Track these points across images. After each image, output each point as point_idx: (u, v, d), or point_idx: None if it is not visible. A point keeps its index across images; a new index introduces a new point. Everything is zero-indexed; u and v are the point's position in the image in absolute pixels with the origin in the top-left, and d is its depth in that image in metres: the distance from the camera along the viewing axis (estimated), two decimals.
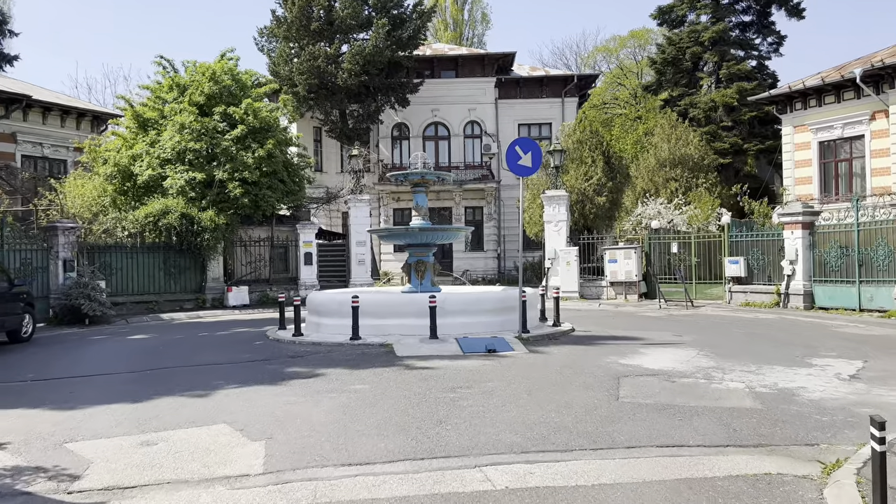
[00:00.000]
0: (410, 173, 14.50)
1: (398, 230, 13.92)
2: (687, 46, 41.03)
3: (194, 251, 22.78)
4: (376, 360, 10.83)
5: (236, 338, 14.65)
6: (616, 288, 23.86)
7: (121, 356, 12.47)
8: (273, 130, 24.24)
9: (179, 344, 13.96)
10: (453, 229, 14.76)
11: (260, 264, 24.83)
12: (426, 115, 41.12)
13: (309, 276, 25.10)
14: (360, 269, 25.59)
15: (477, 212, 41.50)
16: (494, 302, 13.14)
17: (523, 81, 42.08)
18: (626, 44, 54.25)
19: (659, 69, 42.28)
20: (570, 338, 13.20)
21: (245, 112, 23.71)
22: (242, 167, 23.09)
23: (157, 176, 23.29)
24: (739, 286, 21.28)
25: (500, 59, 41.46)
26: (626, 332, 14.38)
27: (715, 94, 39.59)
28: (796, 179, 30.66)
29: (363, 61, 34.39)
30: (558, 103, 42.16)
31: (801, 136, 30.37)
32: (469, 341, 11.98)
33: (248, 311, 22.33)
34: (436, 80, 40.68)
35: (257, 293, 24.31)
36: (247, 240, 24.77)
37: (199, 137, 23.19)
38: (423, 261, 14.54)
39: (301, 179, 25.48)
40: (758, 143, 39.68)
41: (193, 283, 23.41)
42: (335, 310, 13.31)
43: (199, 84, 23.92)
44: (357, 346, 12.07)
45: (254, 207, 23.62)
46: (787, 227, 19.83)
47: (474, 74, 41.41)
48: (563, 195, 24.98)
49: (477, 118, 41.45)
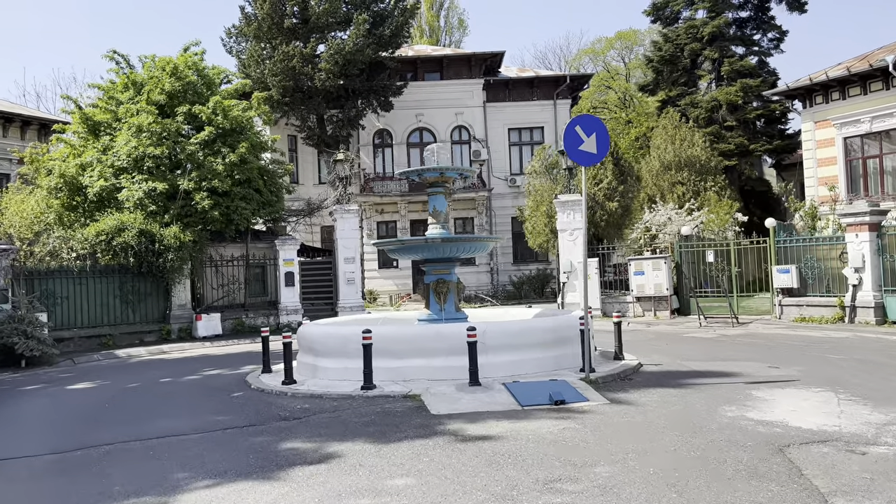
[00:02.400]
0: (426, 170, 11.46)
1: (414, 242, 10.88)
2: (685, 43, 38.68)
3: (156, 274, 19.44)
4: (406, 423, 7.71)
5: (208, 385, 11.40)
6: (643, 304, 21.00)
7: (48, 420, 9.18)
8: (246, 132, 21.04)
9: (132, 397, 10.68)
10: (482, 239, 11.87)
11: (234, 287, 21.53)
12: (410, 120, 38.14)
13: (291, 300, 21.84)
14: (350, 290, 22.40)
15: (467, 223, 38.52)
16: (546, 332, 10.10)
17: (513, 83, 39.35)
18: (613, 45, 51.97)
19: (656, 67, 39.84)
20: (646, 376, 10.20)
21: (213, 111, 20.49)
22: (211, 175, 19.85)
23: (110, 187, 19.95)
24: (791, 299, 18.52)
25: (488, 60, 38.67)
26: (703, 363, 11.45)
27: (717, 93, 37.21)
28: (819, 180, 28.16)
29: (342, 61, 31.41)
30: (550, 106, 39.48)
31: (824, 133, 27.90)
32: (523, 388, 8.93)
33: (221, 343, 18.99)
34: (419, 83, 37.77)
35: (231, 321, 20.97)
36: (218, 259, 21.46)
37: (160, 141, 19.92)
38: (444, 280, 11.48)
39: (279, 189, 22.28)
40: (765, 144, 37.35)
41: (156, 312, 20.02)
42: (337, 348, 10.17)
43: (158, 81, 20.66)
44: (373, 400, 8.93)
45: (226, 221, 20.36)
46: (850, 229, 17.16)
47: (460, 76, 38.58)
48: (579, 200, 22.08)
49: (465, 123, 38.57)
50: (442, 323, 11.20)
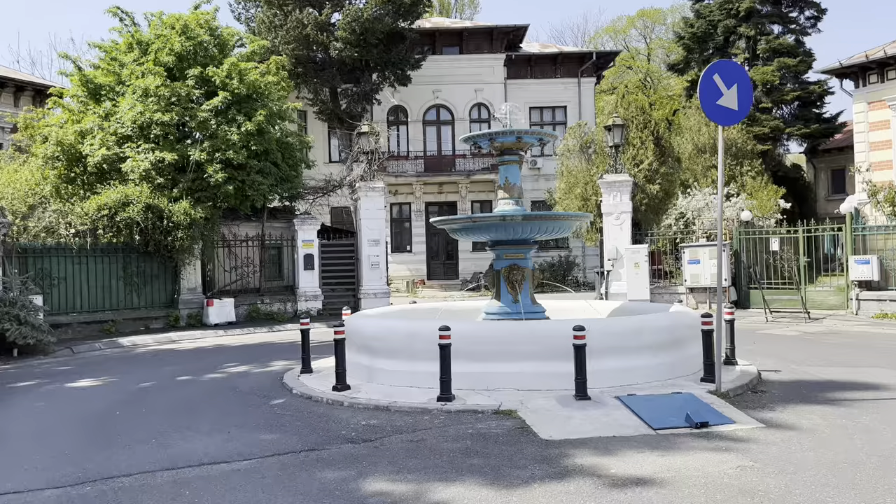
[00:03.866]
0: (499, 134, 9.53)
1: (488, 220, 9.00)
2: (719, 20, 36.71)
3: (164, 254, 17.52)
4: (519, 454, 5.87)
5: (237, 387, 9.53)
6: (697, 295, 19.16)
7: (45, 434, 7.31)
8: (264, 99, 19.02)
9: (148, 401, 8.81)
10: (569, 217, 9.89)
11: (248, 270, 19.61)
12: (427, 96, 36.12)
13: (310, 285, 19.94)
14: (374, 275, 20.50)
15: (485, 206, 36.52)
16: (660, 333, 8.22)
17: (535, 59, 37.29)
18: (635, 24, 49.91)
19: (687, 45, 37.90)
20: (776, 387, 8.36)
21: (228, 75, 18.46)
22: (225, 145, 17.87)
23: (112, 157, 17.97)
24: (870, 293, 16.72)
25: (510, 34, 36.60)
26: (822, 368, 9.64)
27: (753, 72, 35.19)
28: (871, 164, 26.28)
29: (360, 29, 29.34)
30: (574, 84, 37.48)
31: (878, 114, 26.06)
32: (645, 404, 7.09)
33: (235, 332, 17.12)
34: (437, 58, 35.74)
35: (245, 307, 19.08)
36: (231, 239, 19.52)
37: (169, 107, 17.92)
38: (518, 266, 9.60)
39: (297, 163, 20.30)
40: (801, 127, 35.50)
41: (163, 296, 18.12)
42: (401, 346, 8.29)
43: (166, 40, 18.60)
44: (458, 417, 7.06)
45: (241, 197, 18.41)
46: None
47: (481, 51, 36.53)
48: (627, 180, 20.22)
49: (484, 100, 36.56)
50: (520, 318, 9.34)
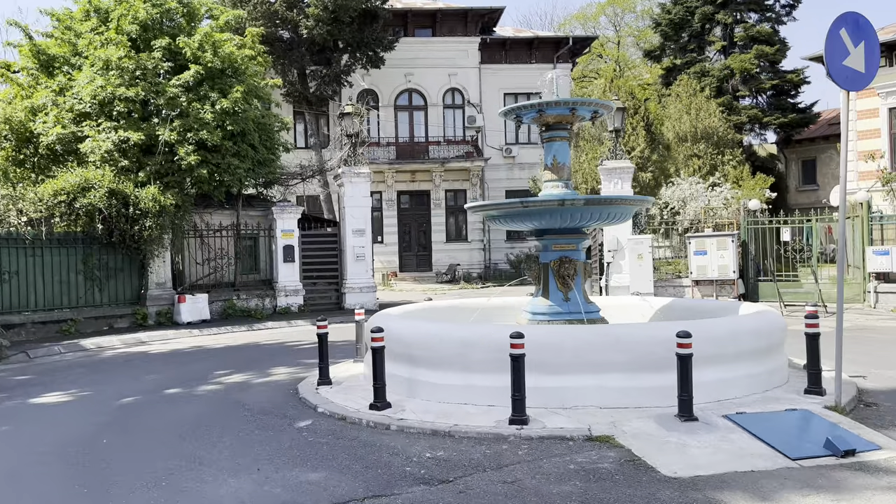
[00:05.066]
0: (549, 104, 8.22)
1: (544, 204, 7.73)
2: (696, 6, 36.05)
3: (130, 245, 15.71)
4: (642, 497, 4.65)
5: (242, 402, 8.02)
6: (703, 288, 18.24)
7: (13, 474, 5.76)
8: (241, 74, 17.30)
9: (136, 425, 7.26)
10: (633, 201, 8.63)
11: (222, 262, 17.90)
12: (398, 80, 34.56)
13: (290, 278, 18.33)
14: (359, 268, 19.01)
15: (459, 196, 35.31)
16: (757, 337, 7.05)
17: (510, 44, 36.07)
18: (605, 11, 49.08)
19: (664, 32, 37.17)
20: (883, 397, 7.29)
21: (200, 47, 16.70)
22: (198, 125, 16.15)
23: (69, 136, 16.08)
24: (889, 285, 16.03)
25: (486, 16, 35.27)
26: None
27: (731, 60, 34.73)
28: (859, 154, 25.85)
29: (333, 6, 27.58)
30: (549, 70, 36.08)
31: (866, 103, 25.57)
32: (763, 425, 5.93)
33: (211, 331, 15.46)
34: (409, 40, 34.16)
35: (220, 302, 17.40)
36: (203, 228, 17.78)
37: (133, 81, 16.10)
38: (570, 259, 8.33)
39: (275, 145, 18.63)
40: (779, 116, 35.13)
41: (128, 291, 16.30)
42: (452, 355, 6.92)
43: (129, 6, 16.72)
44: (544, 446, 5.75)
45: (215, 182, 16.70)
46: None
47: (454, 34, 35.13)
48: (629, 167, 19.17)
49: (458, 85, 35.21)
50: (573, 318, 8.08)
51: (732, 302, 9.69)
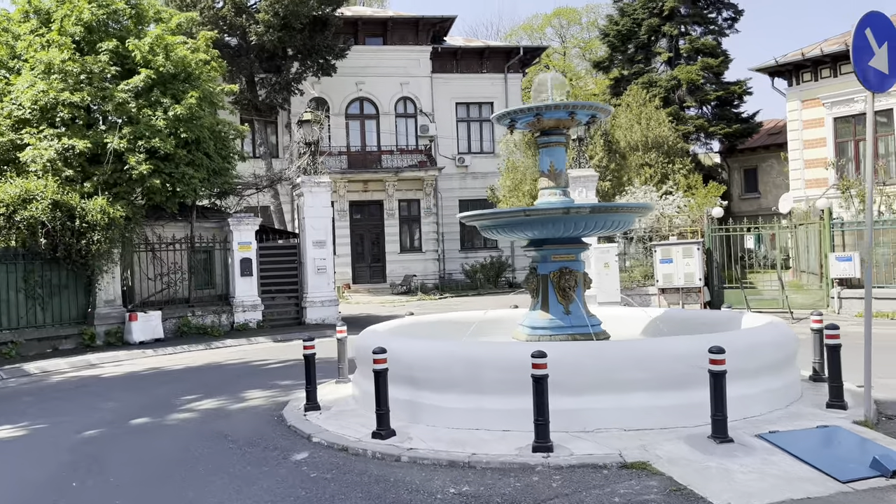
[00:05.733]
0: (548, 108, 7.80)
1: (548, 213, 7.32)
2: (643, 18, 36.61)
3: (76, 260, 14.64)
4: None
5: (226, 434, 7.31)
6: (669, 296, 18.21)
7: None
8: (195, 80, 16.43)
9: (108, 465, 6.50)
10: (637, 209, 8.28)
11: (175, 277, 16.91)
12: (349, 89, 33.90)
13: (248, 293, 17.47)
14: (320, 281, 18.28)
15: (413, 206, 34.81)
16: (776, 350, 6.77)
17: (461, 53, 35.89)
18: (551, 22, 49.51)
19: (612, 42, 37.59)
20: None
21: (151, 50, 15.78)
22: (150, 132, 15.22)
23: (7, 144, 14.97)
24: (852, 291, 16.27)
25: (437, 25, 35.03)
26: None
27: (678, 71, 35.35)
28: (806, 162, 26.54)
29: (284, 12, 26.79)
30: (501, 80, 36.35)
31: (812, 112, 26.26)
32: (799, 444, 5.64)
33: (166, 350, 14.52)
34: (360, 48, 33.58)
35: (174, 320, 16.41)
36: (155, 241, 16.77)
37: (78, 86, 15.08)
38: (570, 269, 7.94)
39: (230, 154, 17.78)
40: (724, 126, 35.90)
41: (74, 310, 15.20)
42: (461, 376, 6.42)
43: (73, 7, 15.69)
44: (578, 476, 5.30)
45: (168, 193, 15.74)
46: None
47: (406, 42, 34.71)
48: (593, 175, 19.07)
49: (410, 94, 34.76)
50: (577, 332, 7.69)
51: (730, 312, 9.47)
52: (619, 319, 8.85)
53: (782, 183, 35.61)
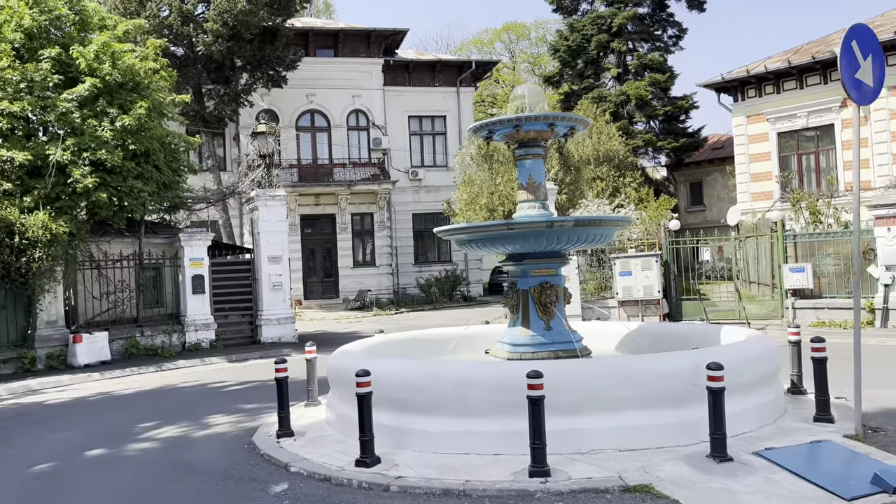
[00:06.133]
0: (527, 119, 7.62)
1: (531, 226, 6.95)
2: (592, 34, 37.18)
3: (14, 280, 13.78)
4: None
5: (194, 467, 6.82)
6: (628, 308, 18.28)
7: None
8: (144, 89, 15.77)
9: None
10: (614, 222, 8.11)
11: (123, 296, 16.13)
12: (300, 101, 33.35)
13: (200, 311, 16.79)
14: (276, 298, 17.73)
15: (366, 219, 34.37)
16: (765, 364, 6.70)
17: (414, 66, 35.76)
18: (501, 37, 49.91)
19: (563, 58, 38.04)
20: (881, 419, 7.12)
21: (97, 58, 15.09)
22: (95, 144, 14.51)
23: None
24: (806, 301, 16.59)
25: (388, 38, 34.83)
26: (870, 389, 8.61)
27: (627, 87, 35.97)
28: (752, 175, 27.24)
29: (233, 22, 26.16)
30: (453, 93, 36.34)
31: (757, 127, 27.00)
32: (797, 461, 5.55)
33: (114, 374, 13.76)
34: (311, 60, 33.09)
35: (121, 340, 15.64)
36: (101, 258, 15.97)
37: (18, 94, 14.28)
38: (551, 284, 7.75)
39: (180, 167, 17.13)
40: (672, 141, 36.67)
41: (13, 332, 14.30)
42: (449, 398, 6.12)
43: (13, 12, 14.90)
44: (578, 500, 5.04)
45: (115, 207, 15.01)
46: (880, 222, 15.43)
47: (357, 54, 34.39)
48: (551, 189, 19.05)
49: (362, 107, 34.40)
50: (560, 349, 7.49)
51: (705, 325, 9.44)
52: (594, 335, 8.68)
53: (726, 196, 36.55)
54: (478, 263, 36.63)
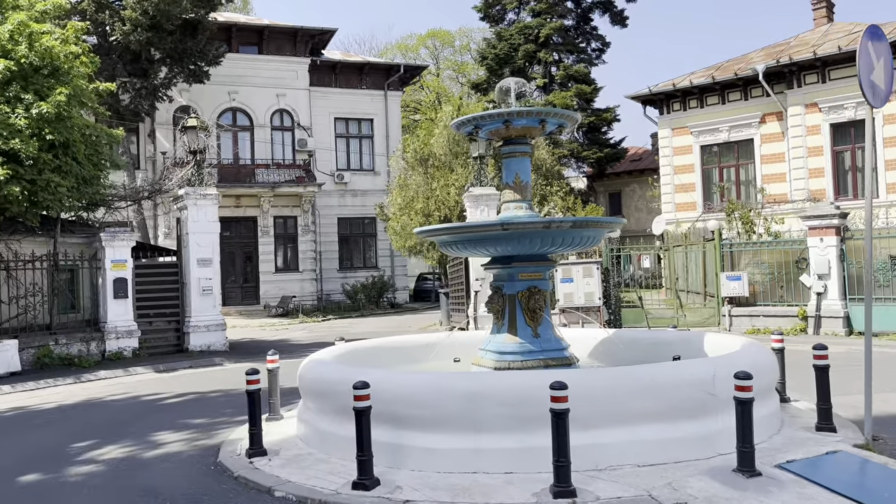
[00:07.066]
0: (518, 113, 7.19)
1: (528, 227, 6.69)
2: (519, 44, 37.49)
3: None
4: None
5: (156, 492, 5.97)
6: (569, 316, 18.17)
7: None
8: (64, 75, 14.42)
9: None
10: (606, 223, 7.81)
11: (35, 300, 14.66)
12: (222, 98, 31.95)
13: (122, 317, 15.48)
14: (205, 303, 16.61)
15: (289, 223, 33.28)
16: (769, 372, 6.49)
17: (341, 67, 34.97)
18: (426, 43, 49.67)
19: (490, 66, 38.19)
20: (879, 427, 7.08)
21: (12, 38, 13.69)
22: (8, 132, 13.12)
23: None
24: (741, 309, 16.97)
25: (316, 37, 33.91)
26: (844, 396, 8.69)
27: (553, 97, 36.43)
28: (676, 186, 27.98)
29: (153, 11, 24.69)
30: (381, 97, 35.76)
31: (681, 140, 27.79)
32: (822, 473, 5.37)
33: (27, 386, 12.40)
34: (234, 56, 31.77)
35: (32, 349, 14.18)
36: (10, 258, 14.46)
37: None
38: (539, 289, 7.36)
39: (101, 161, 15.79)
40: (596, 151, 37.39)
41: None
42: (456, 413, 5.58)
43: None
44: None
45: (29, 203, 13.62)
46: (812, 232, 15.95)
47: (283, 52, 33.29)
48: (494, 194, 18.77)
49: (287, 106, 33.32)
50: (556, 356, 7.12)
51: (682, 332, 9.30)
52: (582, 341, 8.37)
53: (644, 206, 37.60)
54: (403, 270, 36.09)
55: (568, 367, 7.21)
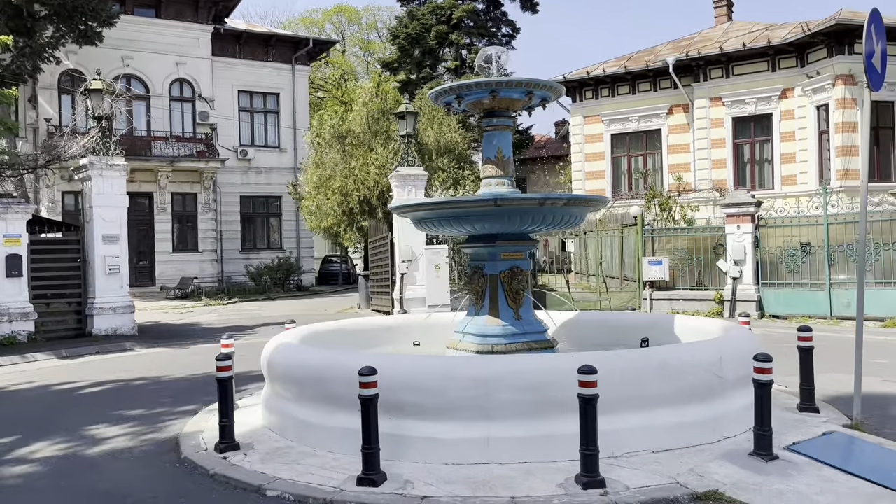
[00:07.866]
0: (504, 83, 6.80)
1: (523, 203, 6.39)
2: (432, 24, 36.96)
3: None
4: None
5: (127, 494, 5.22)
6: None
7: None
8: None
9: None
10: (595, 201, 7.58)
11: None
12: (114, 63, 29.60)
13: (16, 298, 13.91)
14: (112, 283, 15.27)
15: (188, 200, 31.45)
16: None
17: (247, 38, 33.31)
18: (331, 19, 48.17)
19: (402, 45, 37.40)
20: None
21: None
22: None
23: None
24: (662, 293, 17.46)
25: (219, 4, 31.99)
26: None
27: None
28: (587, 173, 28.55)
29: None
30: (288, 71, 34.38)
31: (593, 128, 28.38)
32: (829, 454, 5.39)
33: None
34: (129, 18, 29.51)
35: None
36: None
37: None
38: (521, 269, 7.04)
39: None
40: None
41: None
42: (465, 399, 5.14)
43: None
44: None
45: None
46: (730, 220, 16.57)
47: (183, 18, 31.27)
48: (422, 174, 18.39)
49: (187, 76, 31.36)
50: (538, 339, 6.85)
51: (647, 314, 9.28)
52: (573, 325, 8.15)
53: None
54: (310, 252, 35.01)
55: (550, 350, 6.99)
